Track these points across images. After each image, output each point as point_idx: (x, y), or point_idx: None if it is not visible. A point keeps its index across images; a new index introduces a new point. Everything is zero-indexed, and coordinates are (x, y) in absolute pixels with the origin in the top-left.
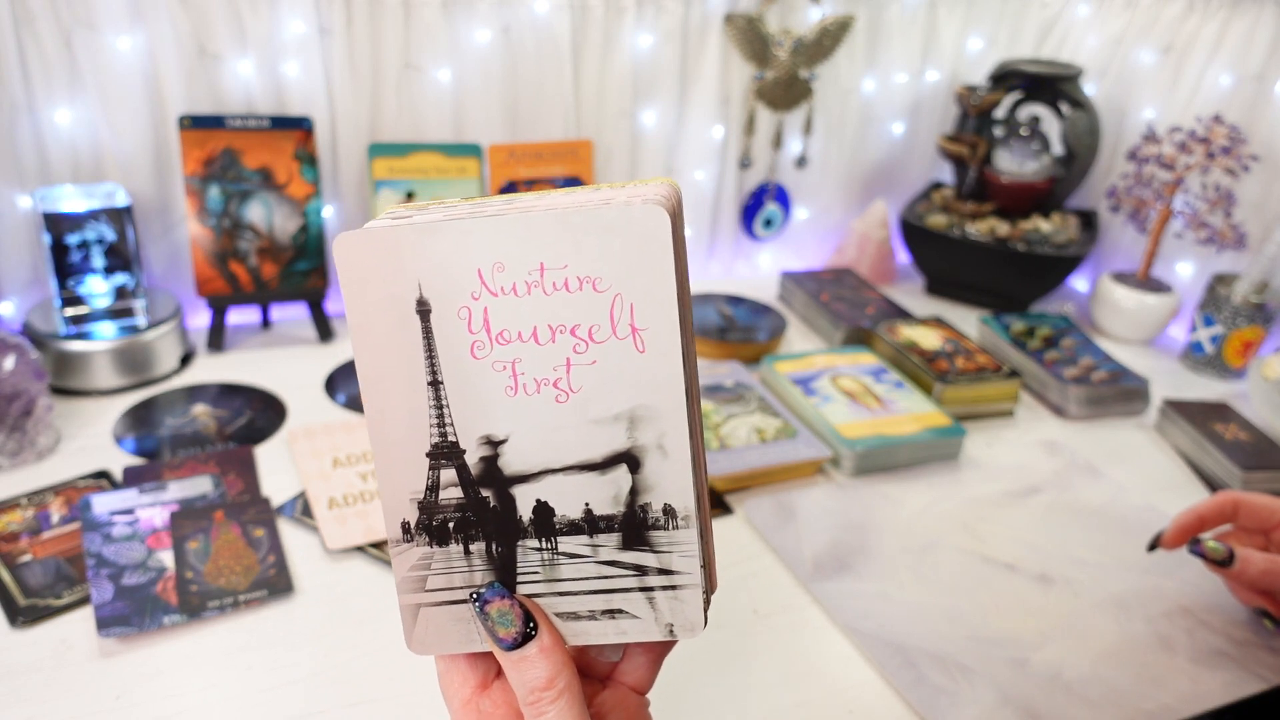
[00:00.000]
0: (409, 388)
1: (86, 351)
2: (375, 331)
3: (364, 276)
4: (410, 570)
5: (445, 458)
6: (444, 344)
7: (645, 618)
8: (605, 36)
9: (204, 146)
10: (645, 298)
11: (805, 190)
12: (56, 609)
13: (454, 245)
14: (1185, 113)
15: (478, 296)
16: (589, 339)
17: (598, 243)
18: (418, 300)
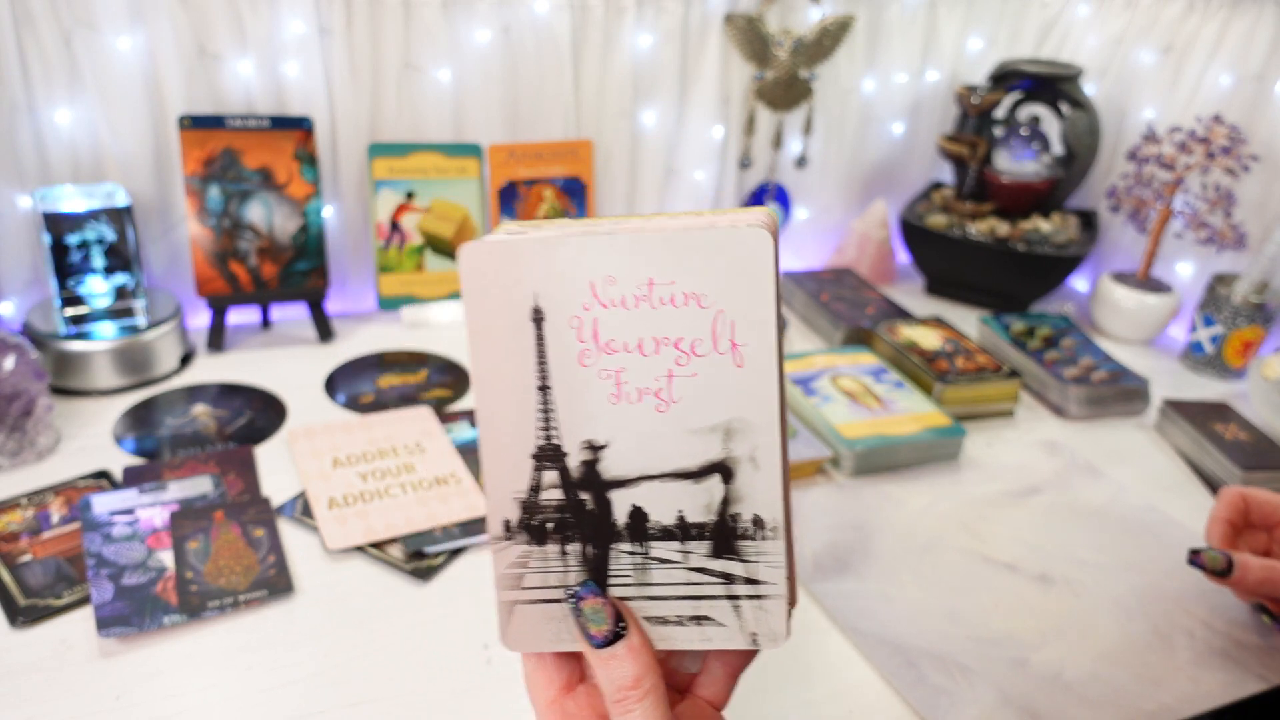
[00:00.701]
0: (519, 391)
1: (86, 351)
2: (491, 336)
3: (485, 284)
4: (509, 567)
5: (549, 460)
6: (555, 351)
7: (730, 625)
8: (605, 36)
9: (204, 146)
10: (746, 315)
11: (805, 190)
12: (56, 609)
13: (570, 259)
14: (1185, 113)
15: (589, 308)
16: (691, 352)
17: (704, 261)
18: (533, 309)
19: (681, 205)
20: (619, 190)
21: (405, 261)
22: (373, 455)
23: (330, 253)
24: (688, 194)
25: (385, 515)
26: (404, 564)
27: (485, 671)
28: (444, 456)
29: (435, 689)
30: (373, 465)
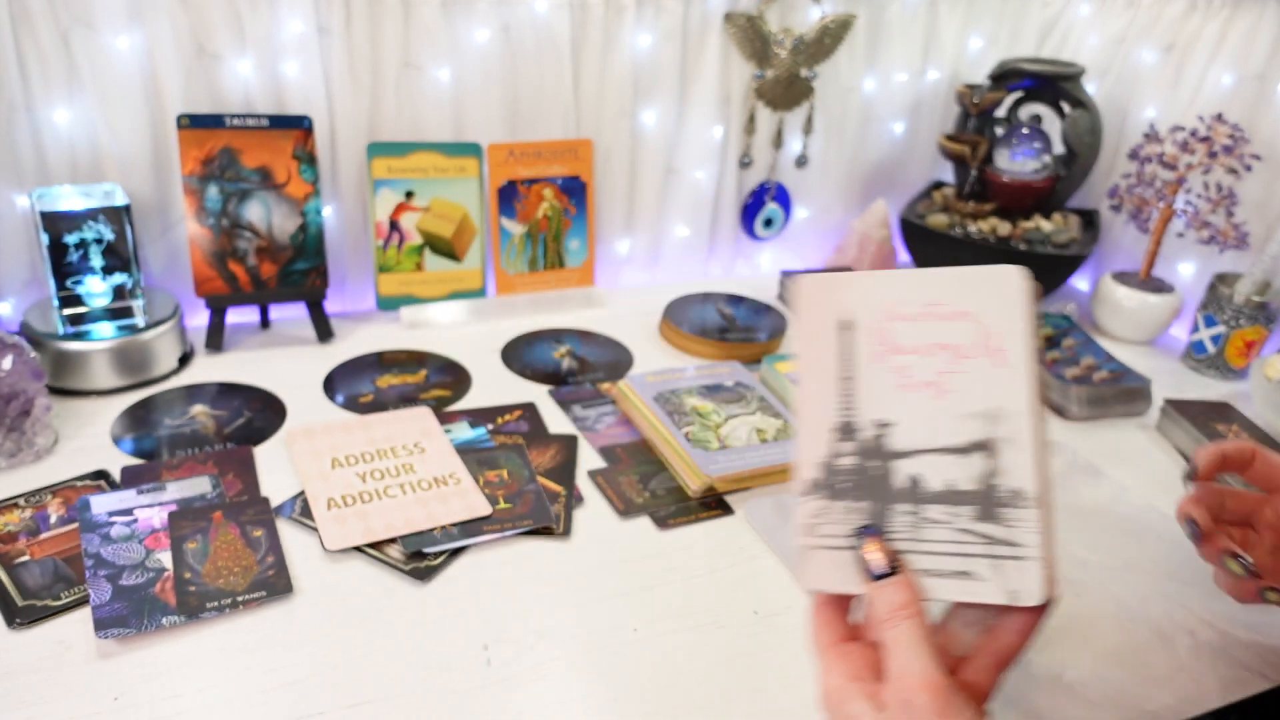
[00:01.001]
0: (830, 380)
1: (85, 351)
2: (813, 340)
3: (813, 302)
4: (808, 518)
5: (846, 433)
6: (858, 351)
7: (990, 581)
8: (605, 35)
9: (203, 146)
10: (1005, 329)
11: (805, 190)
12: (54, 610)
13: (873, 286)
14: (1187, 112)
15: (887, 319)
16: (962, 355)
17: (976, 288)
18: (844, 321)
19: (681, 204)
20: (619, 190)
21: (404, 261)
22: (372, 455)
23: (329, 252)
24: (688, 193)
25: (384, 515)
26: (403, 564)
27: (485, 672)
28: (443, 456)
29: (434, 690)
30: (372, 465)
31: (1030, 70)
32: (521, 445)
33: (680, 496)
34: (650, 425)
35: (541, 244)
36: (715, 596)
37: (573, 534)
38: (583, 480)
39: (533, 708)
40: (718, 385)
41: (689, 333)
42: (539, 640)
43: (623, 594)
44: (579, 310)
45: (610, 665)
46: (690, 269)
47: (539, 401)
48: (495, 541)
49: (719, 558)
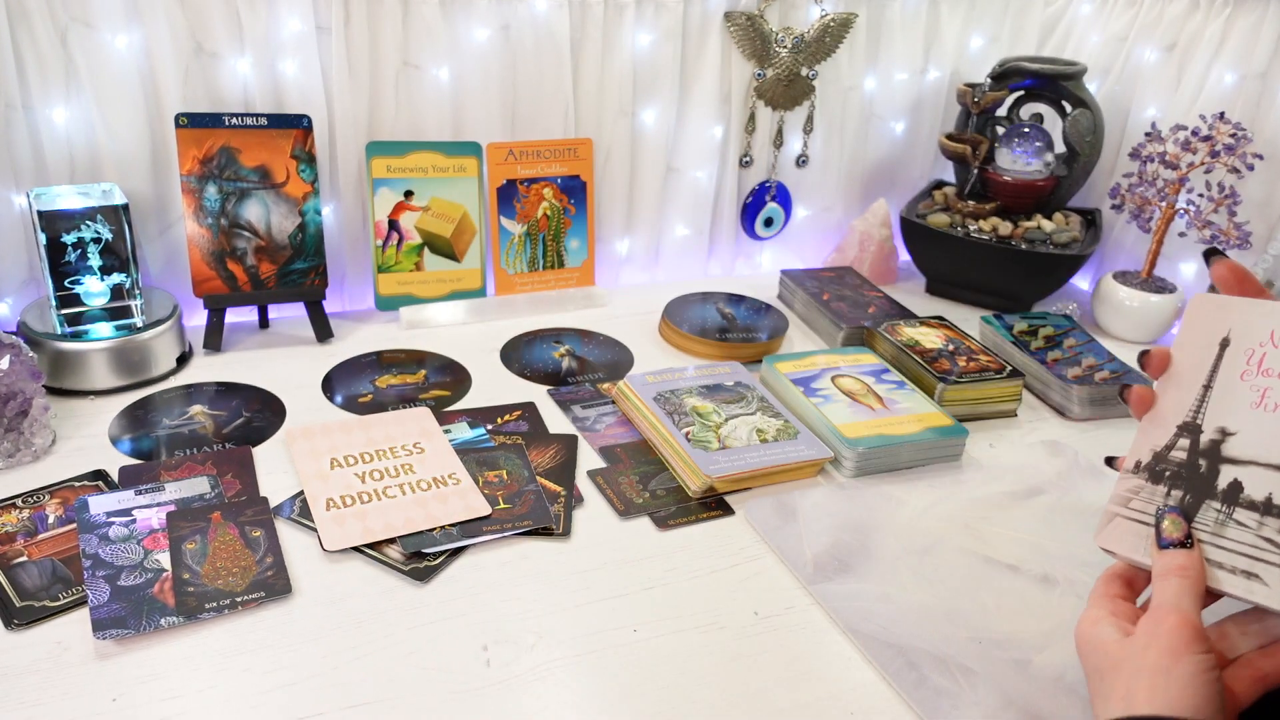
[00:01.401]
0: (1194, 385)
1: (83, 351)
2: (1193, 349)
3: (1205, 318)
4: (1126, 490)
5: (1188, 431)
6: (1226, 366)
7: (1275, 588)
8: (605, 34)
9: (201, 145)
10: None
11: (806, 189)
12: (52, 611)
13: (1266, 314)
14: (1189, 111)
15: (1263, 345)
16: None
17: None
18: (1223, 339)
19: (681, 204)
20: (619, 189)
21: (404, 261)
22: (371, 456)
23: (328, 252)
24: (688, 193)
25: (384, 516)
26: (402, 565)
27: (484, 673)
28: (443, 457)
29: (434, 690)
30: (371, 466)
31: (1031, 69)
32: (521, 445)
33: (680, 497)
34: (650, 425)
35: (541, 243)
36: (715, 597)
37: (572, 534)
38: (582, 480)
39: (532, 708)
40: (718, 385)
41: (689, 332)
42: (538, 641)
43: (622, 594)
44: (579, 310)
45: (610, 666)
46: (690, 269)
47: (539, 401)
48: (495, 542)
49: (719, 558)
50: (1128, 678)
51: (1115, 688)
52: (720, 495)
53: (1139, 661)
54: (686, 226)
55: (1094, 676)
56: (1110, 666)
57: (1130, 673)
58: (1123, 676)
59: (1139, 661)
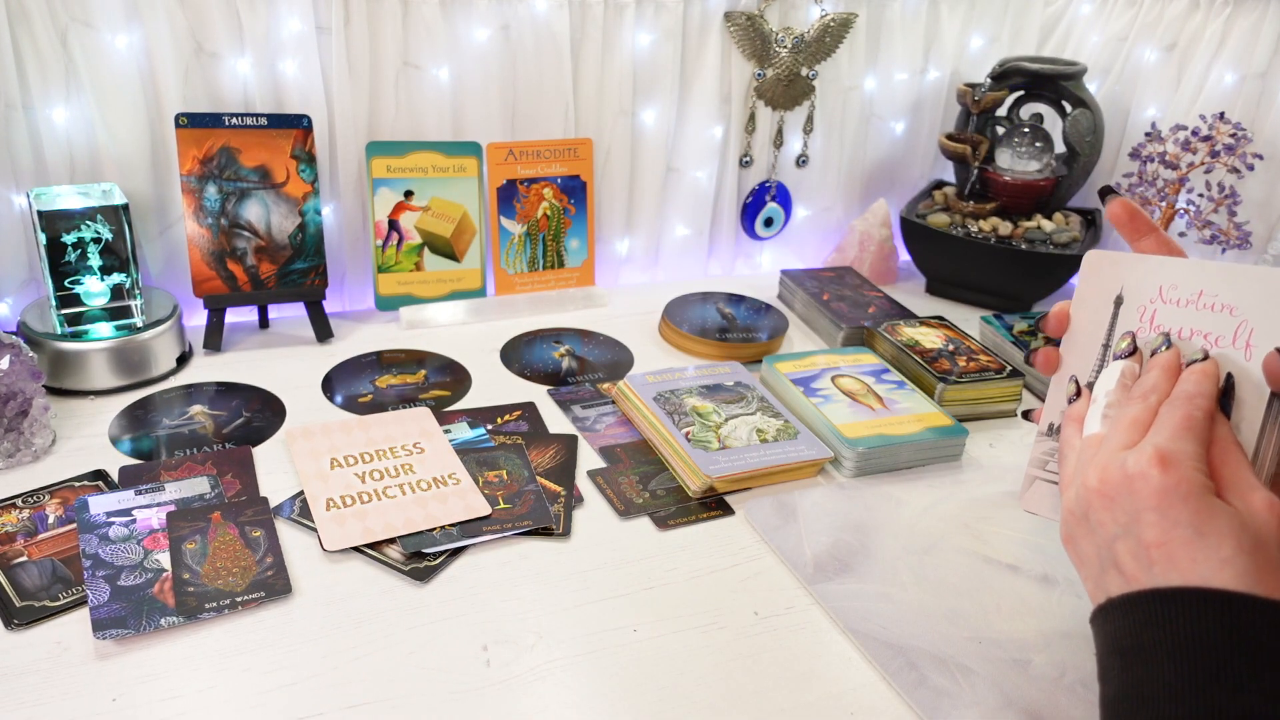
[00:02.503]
0: (1092, 343)
1: (83, 351)
2: (1089, 307)
3: (1095, 273)
4: (1041, 454)
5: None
6: (1122, 323)
7: None
8: (605, 34)
9: (201, 145)
10: (1263, 327)
11: (806, 189)
12: (52, 611)
13: (1151, 269)
14: (1189, 111)
15: (1153, 301)
16: (1214, 344)
17: (1247, 285)
18: (1117, 296)
19: (681, 204)
20: (619, 189)
21: (404, 261)
22: (371, 456)
23: (328, 252)
24: (688, 193)
25: (384, 516)
26: (402, 565)
27: (484, 673)
28: (443, 457)
29: (434, 690)
30: (371, 466)
31: (1031, 69)
32: (521, 445)
33: (680, 497)
34: (650, 425)
35: (541, 243)
36: (715, 597)
37: (572, 534)
38: (582, 480)
39: (532, 709)
40: (718, 385)
41: (689, 332)
42: (538, 641)
43: (623, 595)
44: (579, 310)
45: (610, 666)
46: (690, 268)
47: (539, 401)
48: (495, 542)
49: (719, 558)
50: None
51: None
52: (720, 495)
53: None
54: (686, 226)
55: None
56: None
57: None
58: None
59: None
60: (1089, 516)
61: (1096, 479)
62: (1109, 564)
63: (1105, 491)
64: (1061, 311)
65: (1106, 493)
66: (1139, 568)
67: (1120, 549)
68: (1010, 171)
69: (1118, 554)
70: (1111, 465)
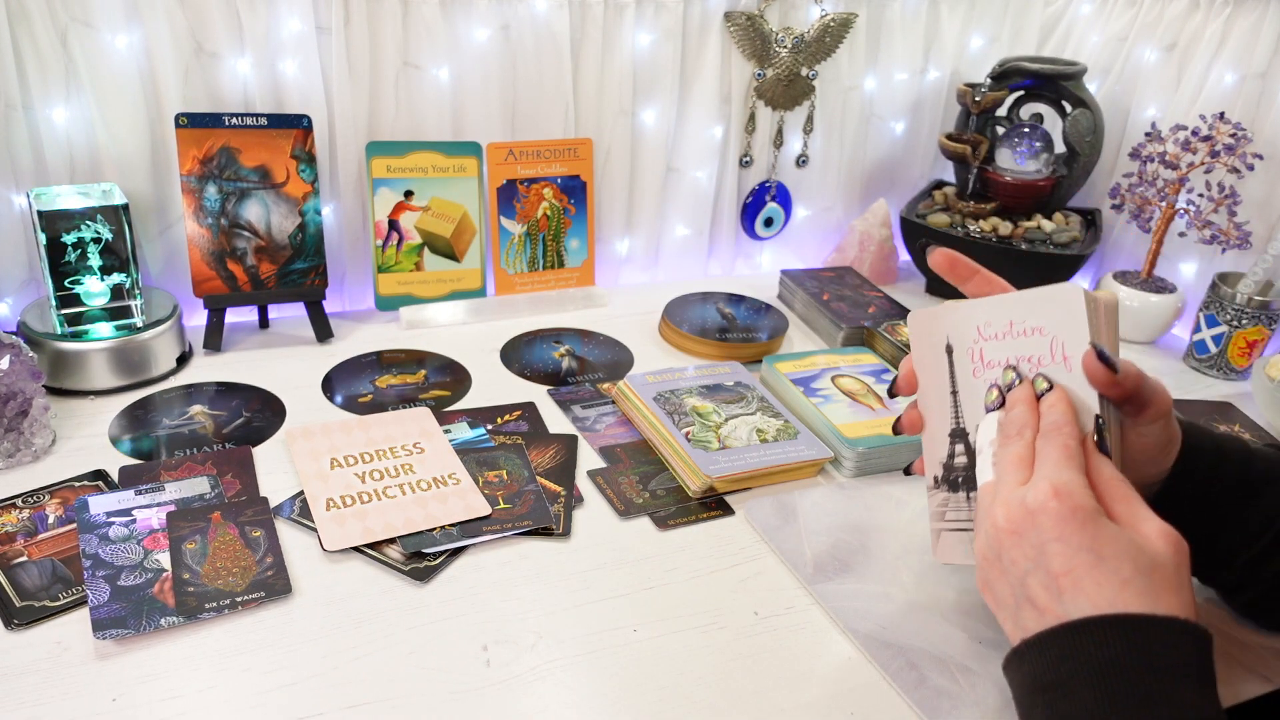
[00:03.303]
0: (941, 394)
1: (83, 351)
2: (926, 363)
3: (922, 332)
4: (937, 506)
5: (957, 437)
6: (959, 370)
7: None
8: (605, 34)
9: (201, 145)
10: (1069, 338)
11: (806, 189)
12: (52, 611)
13: (966, 313)
14: (1189, 111)
15: (976, 342)
16: (1038, 364)
17: (1042, 305)
18: (946, 346)
19: (681, 204)
20: (619, 189)
21: (404, 261)
22: (371, 456)
23: (328, 252)
24: (688, 193)
25: (384, 516)
26: (402, 565)
27: (484, 673)
28: (443, 457)
29: (434, 690)
30: (371, 466)
31: (1031, 69)
32: (521, 445)
33: (680, 497)
34: (650, 425)
35: (541, 243)
36: (715, 597)
37: (572, 534)
38: (582, 480)
39: (532, 709)
40: (718, 385)
41: (689, 332)
42: (538, 641)
43: (623, 595)
44: (579, 310)
45: (610, 666)
46: (690, 268)
47: (539, 401)
48: (495, 542)
49: (719, 558)
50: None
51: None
52: (720, 495)
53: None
54: (686, 226)
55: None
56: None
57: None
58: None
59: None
60: (1001, 557)
61: (1004, 518)
62: (1023, 600)
63: (1012, 529)
64: (908, 373)
65: (1014, 530)
66: (1050, 598)
67: (1032, 583)
68: (1010, 171)
69: (1030, 589)
70: (1012, 503)
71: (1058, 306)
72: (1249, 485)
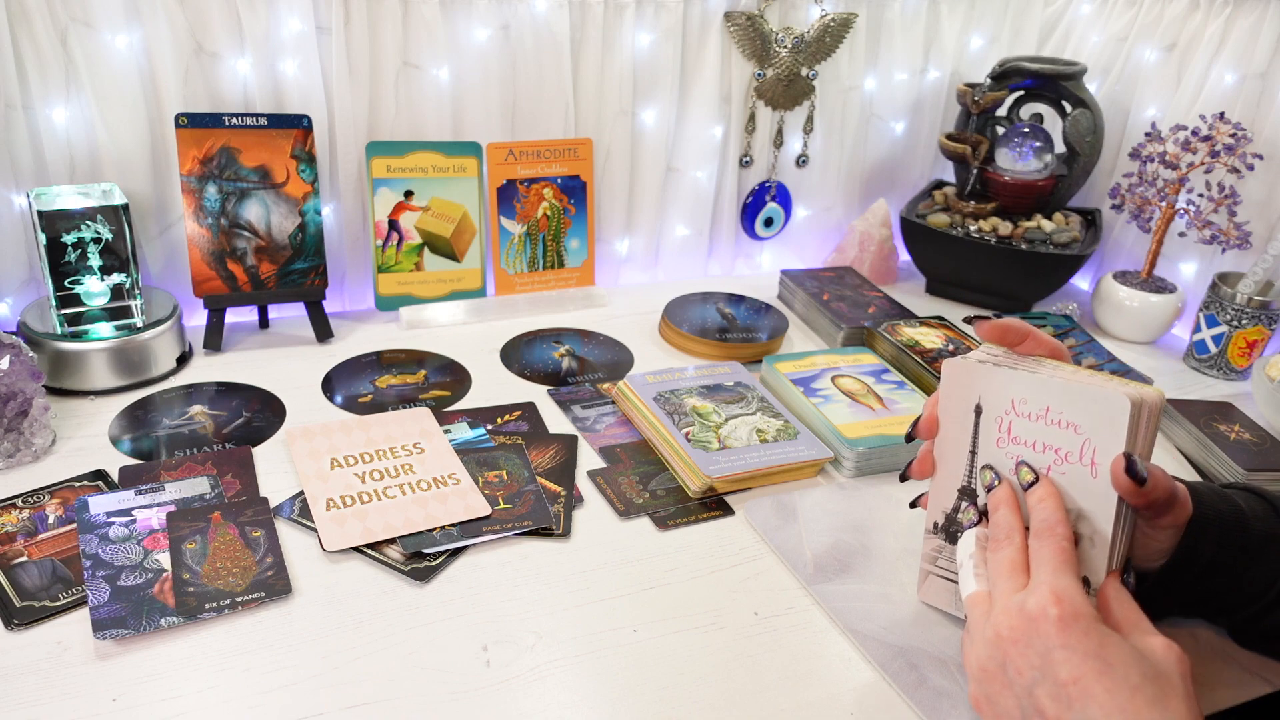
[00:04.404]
0: (961, 450)
1: (83, 351)
2: (954, 414)
3: (955, 384)
4: (930, 550)
5: (966, 496)
6: (984, 433)
7: None
8: (605, 34)
9: (201, 145)
10: (1104, 446)
11: (806, 189)
12: (52, 611)
13: (1004, 382)
14: (1189, 111)
15: (1008, 413)
16: (1064, 459)
17: (1085, 405)
18: (976, 406)
19: (681, 204)
20: (619, 189)
21: (404, 261)
22: (371, 456)
23: (328, 252)
24: (688, 193)
25: (383, 516)
26: (402, 565)
27: (484, 673)
28: (443, 457)
29: (434, 691)
30: (371, 466)
31: (1031, 69)
32: (521, 445)
33: (680, 497)
34: (650, 425)
35: (541, 243)
36: (715, 597)
37: (572, 534)
38: (582, 480)
39: (532, 709)
40: (718, 385)
41: (689, 333)
42: (538, 641)
43: (622, 595)
44: (579, 310)
45: (610, 666)
46: (690, 269)
47: (539, 401)
48: (495, 542)
49: (719, 558)
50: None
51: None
52: (720, 495)
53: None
54: (686, 226)
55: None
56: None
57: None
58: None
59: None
60: (1006, 667)
61: (1006, 627)
62: (1031, 713)
63: (1016, 638)
64: (930, 416)
65: (1017, 638)
66: (1060, 708)
67: (1040, 694)
68: (1010, 171)
69: (1038, 700)
70: (1012, 610)
71: (1100, 412)
72: (1248, 551)
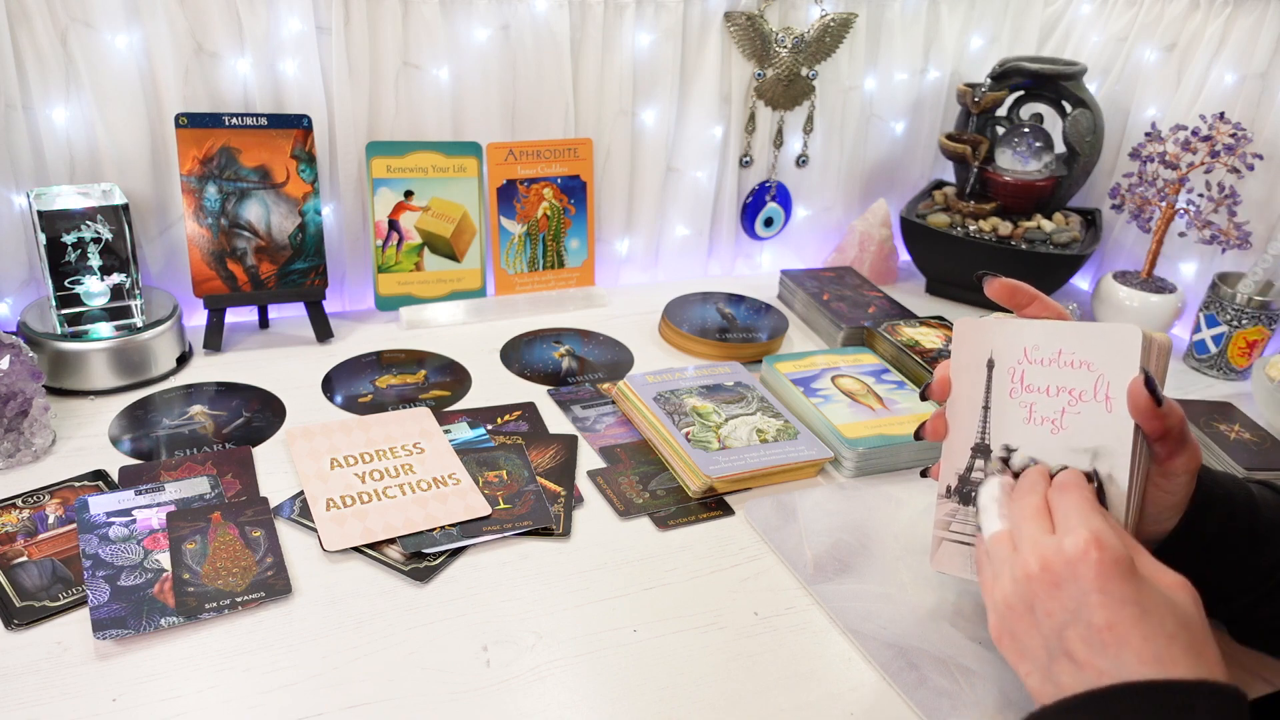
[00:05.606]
0: (972, 407)
1: (83, 351)
2: (965, 371)
3: (968, 341)
4: (944, 515)
5: (980, 452)
6: (996, 386)
7: None
8: (605, 34)
9: (201, 145)
10: (1118, 379)
11: (806, 189)
12: (52, 611)
13: (1015, 330)
14: (1189, 111)
15: (1020, 362)
16: (1078, 399)
17: (1096, 341)
18: (989, 360)
19: (681, 204)
20: (619, 189)
21: (404, 261)
22: (371, 456)
23: (328, 252)
24: (688, 193)
25: (383, 516)
26: (402, 565)
27: (484, 673)
28: (443, 457)
29: (434, 691)
30: (371, 466)
31: (1031, 69)
32: (521, 445)
33: (680, 497)
34: (650, 425)
35: (541, 243)
36: (715, 597)
37: (572, 534)
38: (582, 480)
39: (532, 709)
40: (718, 385)
41: (689, 333)
42: (538, 641)
43: (622, 595)
44: (579, 310)
45: (610, 666)
46: (690, 269)
47: (539, 401)
48: (495, 542)
49: (719, 558)
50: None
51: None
52: (720, 495)
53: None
54: (686, 226)
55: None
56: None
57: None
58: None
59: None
60: (1035, 608)
61: (1038, 565)
62: (1059, 653)
63: (1050, 578)
64: (943, 378)
65: (1052, 579)
66: (1092, 652)
67: (1071, 636)
68: (1010, 171)
69: (1068, 642)
70: (1048, 550)
71: (1113, 344)
72: (1255, 535)
